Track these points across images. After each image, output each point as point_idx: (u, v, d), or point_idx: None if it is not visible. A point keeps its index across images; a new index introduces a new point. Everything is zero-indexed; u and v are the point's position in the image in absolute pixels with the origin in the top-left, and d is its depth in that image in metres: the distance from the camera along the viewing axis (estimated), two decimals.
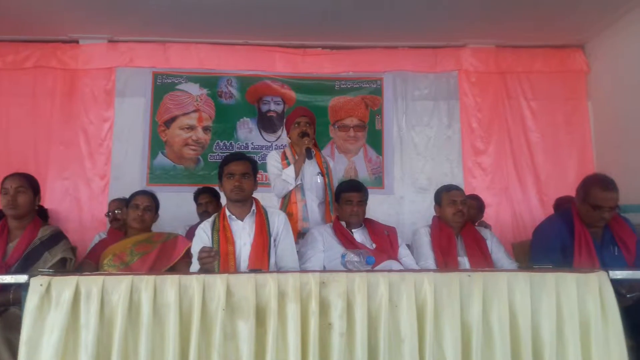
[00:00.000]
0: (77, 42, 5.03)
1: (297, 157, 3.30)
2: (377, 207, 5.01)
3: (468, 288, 1.83)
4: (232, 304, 1.78)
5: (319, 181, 3.35)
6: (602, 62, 5.17)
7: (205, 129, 5.08)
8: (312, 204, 3.31)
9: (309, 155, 3.25)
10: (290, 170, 3.24)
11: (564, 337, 1.83)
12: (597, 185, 2.69)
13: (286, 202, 3.26)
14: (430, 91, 5.35)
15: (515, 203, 5.09)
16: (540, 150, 5.18)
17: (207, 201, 4.08)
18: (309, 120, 3.41)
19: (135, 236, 2.87)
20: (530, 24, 4.87)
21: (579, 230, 2.67)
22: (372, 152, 5.28)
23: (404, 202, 5.19)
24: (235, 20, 4.65)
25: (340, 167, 5.19)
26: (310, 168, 3.36)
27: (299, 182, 3.25)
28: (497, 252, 3.07)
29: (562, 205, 3.86)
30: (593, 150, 5.22)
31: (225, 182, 2.60)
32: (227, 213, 2.61)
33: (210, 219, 2.65)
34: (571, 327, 1.82)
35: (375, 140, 5.30)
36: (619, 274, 1.90)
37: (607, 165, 4.92)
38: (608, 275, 1.87)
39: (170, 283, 1.78)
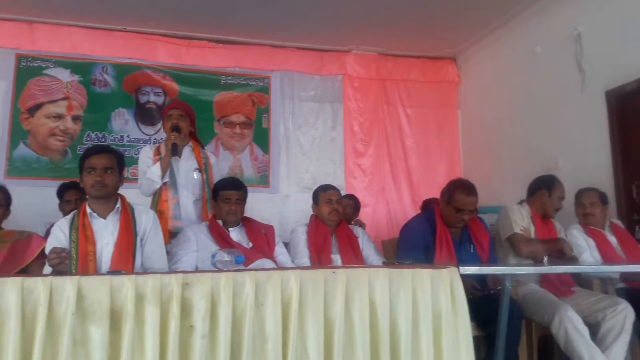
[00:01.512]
0: None
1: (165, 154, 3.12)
2: (262, 205, 5.03)
3: (332, 284, 1.87)
4: (83, 308, 1.65)
5: (195, 177, 3.20)
6: (471, 74, 5.66)
7: (74, 118, 4.71)
8: (186, 201, 3.16)
9: (174, 151, 3.06)
10: (156, 167, 3.04)
11: (419, 328, 1.94)
12: (460, 190, 2.89)
13: (156, 200, 3.09)
14: (316, 93, 5.47)
15: (390, 203, 5.39)
16: (414, 154, 5.55)
17: (76, 198, 3.75)
18: (183, 112, 3.23)
19: None
20: (409, 35, 5.18)
21: (440, 230, 2.87)
22: (258, 151, 5.27)
23: (289, 200, 5.25)
24: (112, 4, 4.37)
25: (225, 165, 5.11)
26: (188, 163, 3.21)
27: (166, 179, 3.08)
28: (368, 249, 3.23)
29: (428, 206, 4.14)
30: (461, 156, 5.69)
31: (86, 176, 2.40)
32: (88, 210, 2.41)
33: (69, 216, 2.43)
34: (425, 319, 1.94)
35: (262, 138, 5.29)
36: (468, 270, 2.07)
37: (472, 170, 5.40)
38: (459, 270, 2.02)
39: (10, 286, 1.61)
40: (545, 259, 2.89)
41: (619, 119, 3.83)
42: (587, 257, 3.17)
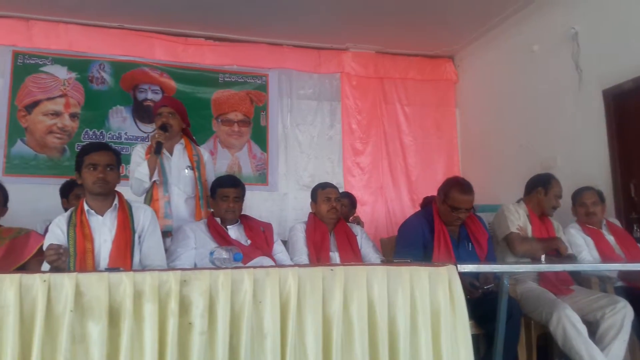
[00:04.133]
0: None
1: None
2: (261, 203, 5.03)
3: (330, 282, 1.87)
4: (82, 305, 1.64)
5: (187, 174, 3.16)
6: (469, 73, 5.66)
7: (72, 115, 4.70)
8: (178, 199, 3.11)
9: (157, 150, 2.97)
10: (144, 167, 2.97)
11: (417, 326, 1.94)
12: (456, 189, 2.88)
13: (148, 200, 3.05)
14: (314, 91, 5.47)
15: (389, 201, 5.39)
16: (412, 152, 5.55)
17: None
18: (173, 109, 3.15)
19: None
20: (407, 33, 5.17)
21: (438, 228, 2.87)
22: (256, 148, 5.26)
23: (287, 198, 5.25)
24: (109, 1, 4.35)
25: (223, 162, 5.11)
26: (179, 161, 3.16)
27: (155, 178, 3.02)
28: (366, 247, 3.22)
29: (428, 204, 4.14)
30: (459, 154, 5.70)
31: (87, 173, 2.39)
32: (86, 207, 2.40)
33: (66, 214, 2.42)
34: (423, 317, 1.94)
35: (260, 136, 5.28)
36: (466, 268, 2.07)
37: (470, 168, 5.41)
38: (457, 268, 2.02)
39: (9, 282, 1.60)
40: (543, 257, 2.89)
41: (616, 118, 3.84)
42: (586, 255, 3.18)
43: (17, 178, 4.35)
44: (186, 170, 3.15)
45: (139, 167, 2.98)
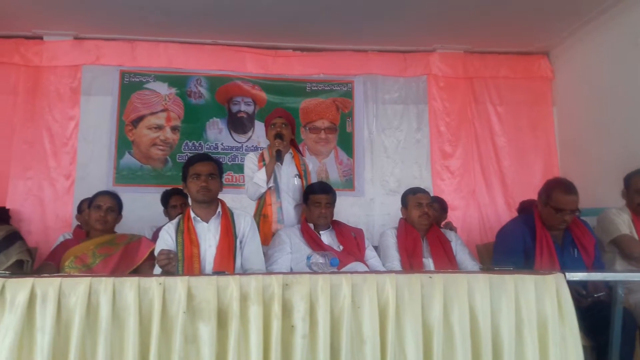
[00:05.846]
0: (41, 38, 4.90)
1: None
2: (348, 209, 5.05)
3: (429, 289, 1.85)
4: (193, 307, 1.76)
5: (296, 183, 3.31)
6: (566, 69, 5.32)
7: (173, 128, 5.01)
8: (288, 206, 3.26)
9: (278, 157, 3.20)
10: (262, 173, 3.18)
11: (523, 337, 1.86)
12: (559, 189, 2.75)
13: (262, 204, 3.23)
14: (400, 95, 5.40)
15: (482, 206, 5.18)
16: (507, 154, 5.29)
17: (181, 203, 3.98)
18: (286, 121, 3.35)
19: (97, 238, 2.81)
20: (497, 30, 4.97)
21: (540, 233, 2.73)
22: (343, 155, 5.30)
23: (374, 204, 5.23)
24: (204, 19, 4.61)
25: (311, 169, 5.19)
26: (288, 170, 3.32)
27: (271, 184, 3.20)
28: (462, 253, 3.12)
29: (526, 208, 3.94)
30: (558, 155, 5.36)
31: (191, 183, 2.56)
32: (192, 215, 2.57)
33: (175, 221, 2.61)
34: (529, 327, 1.86)
35: (346, 142, 5.32)
36: (575, 276, 1.95)
37: (571, 170, 5.07)
38: (565, 276, 1.91)
39: (129, 285, 1.75)
40: None
41: None
42: None
43: (125, 187, 4.71)
44: (295, 179, 3.29)
45: (257, 172, 3.16)
